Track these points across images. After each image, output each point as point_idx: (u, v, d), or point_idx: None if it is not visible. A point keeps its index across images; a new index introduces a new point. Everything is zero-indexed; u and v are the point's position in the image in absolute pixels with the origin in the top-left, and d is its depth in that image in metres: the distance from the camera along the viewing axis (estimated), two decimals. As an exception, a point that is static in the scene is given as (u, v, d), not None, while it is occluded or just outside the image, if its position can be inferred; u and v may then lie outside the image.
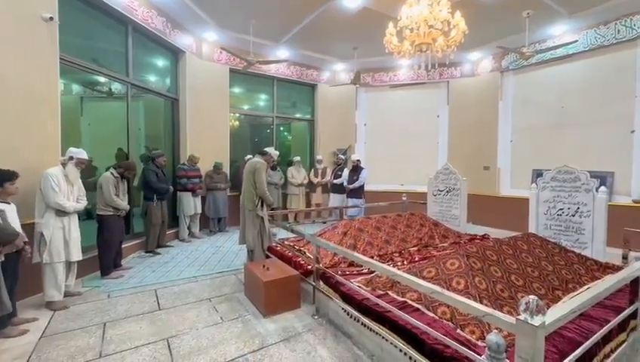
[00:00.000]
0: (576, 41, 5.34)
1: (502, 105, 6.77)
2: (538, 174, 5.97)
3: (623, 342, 2.02)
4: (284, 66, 7.26)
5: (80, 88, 5.71)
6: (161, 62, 5.84)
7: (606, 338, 1.88)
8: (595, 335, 1.70)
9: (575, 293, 2.45)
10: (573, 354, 1.53)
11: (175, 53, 5.86)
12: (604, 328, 1.77)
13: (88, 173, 4.78)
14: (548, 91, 6.12)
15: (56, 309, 2.92)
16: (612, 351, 1.94)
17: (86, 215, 4.70)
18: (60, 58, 3.49)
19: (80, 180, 3.21)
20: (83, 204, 3.18)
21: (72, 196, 3.08)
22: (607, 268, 2.97)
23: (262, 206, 3.62)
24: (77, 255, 3.09)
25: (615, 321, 1.85)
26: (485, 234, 4.39)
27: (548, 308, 1.32)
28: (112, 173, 3.80)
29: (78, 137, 5.30)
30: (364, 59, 7.14)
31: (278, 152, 3.94)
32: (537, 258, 2.77)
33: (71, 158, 3.07)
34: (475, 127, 7.06)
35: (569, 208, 3.57)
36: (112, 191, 3.70)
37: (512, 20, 5.26)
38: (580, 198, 3.47)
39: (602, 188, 3.37)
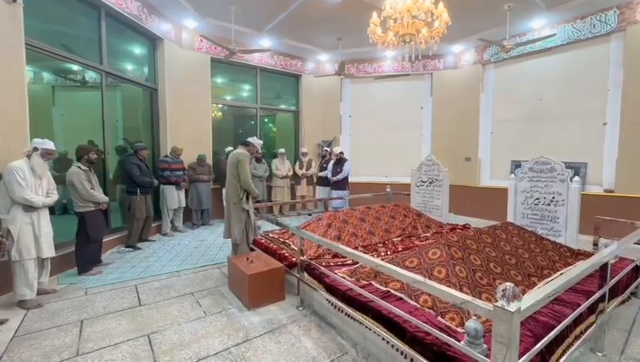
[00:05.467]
0: (555, 34, 5.48)
1: (483, 97, 6.90)
2: (516, 165, 6.17)
3: (592, 323, 2.12)
4: (267, 56, 7.11)
5: (51, 77, 5.40)
6: (137, 50, 5.60)
7: (577, 321, 1.98)
8: (567, 319, 1.78)
9: (549, 279, 2.56)
10: (547, 337, 1.59)
11: (153, 41, 5.62)
12: (575, 312, 1.85)
13: (63, 166, 4.57)
14: (527, 84, 6.27)
15: (29, 308, 2.80)
16: (582, 333, 2.04)
17: (61, 209, 4.51)
18: (27, 43, 3.28)
19: (49, 173, 3.05)
20: (53, 198, 3.02)
21: (41, 190, 2.92)
22: (579, 255, 3.11)
23: (247, 199, 3.55)
24: (49, 251, 2.96)
25: (585, 305, 1.94)
26: (466, 224, 4.50)
27: (524, 294, 1.36)
28: (79, 167, 3.54)
29: (49, 128, 5.03)
30: (349, 49, 7.08)
31: (261, 141, 3.77)
32: (515, 246, 2.87)
33: (35, 149, 2.89)
34: (458, 118, 7.18)
35: (545, 198, 3.70)
36: (86, 185, 3.51)
37: (493, 13, 5.32)
38: (555, 188, 3.60)
39: (576, 178, 3.51)
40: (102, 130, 4.58)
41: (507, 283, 1.27)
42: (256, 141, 3.86)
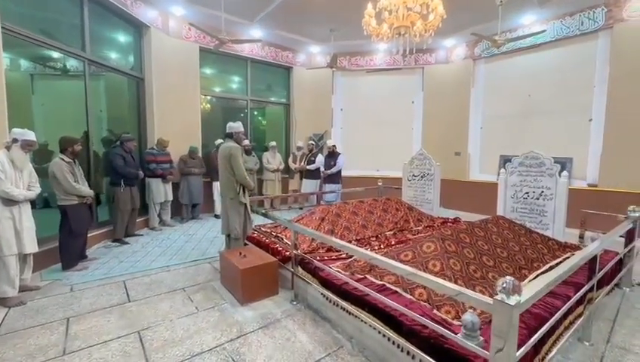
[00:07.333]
0: (545, 30, 5.54)
1: (473, 92, 6.96)
2: (505, 160, 6.27)
3: (580, 314, 2.19)
4: (258, 47, 6.96)
5: (29, 64, 5.14)
6: (122, 38, 5.38)
7: (566, 312, 2.03)
8: (560, 311, 1.82)
9: (539, 271, 2.62)
10: (543, 328, 1.62)
11: (138, 28, 5.41)
12: (568, 303, 1.90)
13: (44, 158, 4.38)
14: (516, 80, 6.35)
15: (11, 306, 2.69)
16: (571, 323, 2.10)
17: (43, 203, 4.34)
18: (3, 28, 3.09)
19: (31, 165, 2.91)
20: (35, 191, 2.89)
21: (22, 183, 2.79)
22: (567, 248, 3.19)
23: (244, 192, 3.45)
24: (31, 246, 2.84)
25: (577, 296, 1.99)
26: (457, 218, 4.56)
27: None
28: (62, 159, 3.39)
29: (29, 119, 4.81)
30: (341, 42, 6.99)
31: (240, 123, 3.53)
32: (506, 239, 2.91)
33: (15, 141, 2.75)
34: (448, 113, 7.23)
35: (534, 192, 3.77)
36: (69, 178, 3.36)
37: (485, 8, 5.33)
38: (544, 182, 3.67)
39: (564, 173, 3.58)
40: (85, 121, 4.40)
41: (507, 277, 1.28)
42: (234, 125, 3.48)
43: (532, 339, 1.50)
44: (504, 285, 1.26)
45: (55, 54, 4.60)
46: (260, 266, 2.86)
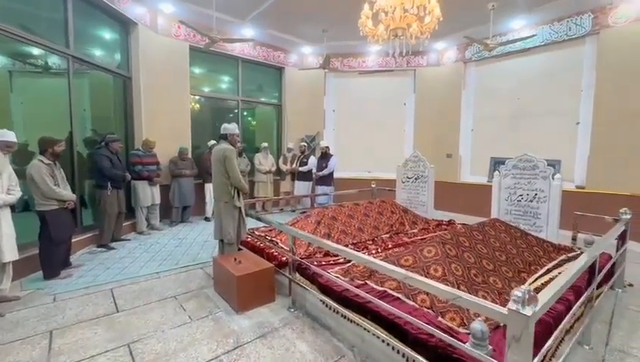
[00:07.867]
0: (535, 35, 5.63)
1: (464, 94, 7.03)
2: (496, 162, 6.36)
3: (579, 317, 2.19)
4: (249, 46, 6.84)
5: (8, 60, 4.89)
6: (108, 35, 5.17)
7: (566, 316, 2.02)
8: (567, 317, 1.80)
9: (537, 274, 2.62)
10: (554, 335, 1.60)
11: (125, 25, 5.22)
12: (573, 308, 1.89)
13: (25, 159, 4.16)
14: (506, 83, 6.45)
15: (-12, 318, 2.51)
16: (572, 327, 2.10)
17: (22, 207, 4.12)
18: (-22, 21, 2.91)
19: (10, 168, 2.74)
20: (15, 195, 2.72)
21: (1, 186, 2.62)
22: (561, 249, 3.23)
23: (238, 195, 3.34)
24: (11, 254, 2.67)
25: (581, 300, 1.99)
26: (451, 220, 4.56)
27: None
28: (41, 161, 3.17)
29: (7, 118, 4.57)
30: (334, 43, 6.95)
31: (235, 124, 3.43)
32: (503, 242, 2.91)
33: None
34: (440, 115, 7.28)
35: (528, 194, 3.81)
36: (48, 181, 3.14)
37: (476, 12, 5.38)
38: (538, 185, 3.71)
39: (557, 175, 3.63)
40: (69, 120, 4.20)
41: (522, 287, 1.25)
42: (230, 127, 3.36)
43: (545, 347, 1.47)
44: (520, 295, 1.22)
45: (36, 50, 4.39)
46: (256, 272, 2.77)
